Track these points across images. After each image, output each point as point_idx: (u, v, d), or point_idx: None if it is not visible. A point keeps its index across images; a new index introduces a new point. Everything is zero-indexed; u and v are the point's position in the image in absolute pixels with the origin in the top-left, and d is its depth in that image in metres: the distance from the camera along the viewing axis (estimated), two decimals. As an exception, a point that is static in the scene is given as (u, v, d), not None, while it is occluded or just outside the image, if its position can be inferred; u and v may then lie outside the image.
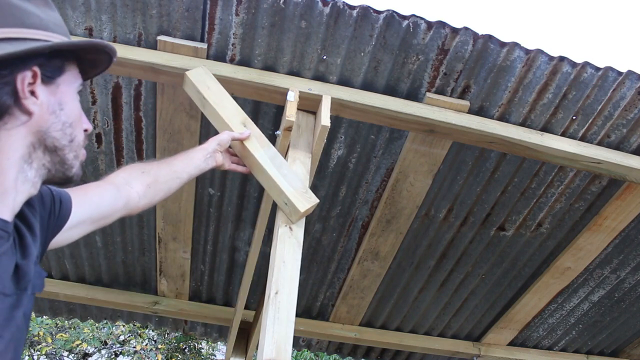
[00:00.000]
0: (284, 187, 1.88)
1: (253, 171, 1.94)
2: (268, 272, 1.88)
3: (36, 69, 0.91)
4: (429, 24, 2.04)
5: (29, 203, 1.02)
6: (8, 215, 0.93)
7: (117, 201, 1.39)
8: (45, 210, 1.12)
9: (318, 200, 1.91)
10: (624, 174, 2.41)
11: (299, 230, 1.90)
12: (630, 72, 2.17)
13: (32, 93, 0.91)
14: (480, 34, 2.06)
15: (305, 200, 1.88)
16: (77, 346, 7.31)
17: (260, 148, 1.92)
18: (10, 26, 0.88)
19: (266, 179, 1.91)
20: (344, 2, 1.98)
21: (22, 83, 0.89)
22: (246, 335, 3.49)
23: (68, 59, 0.99)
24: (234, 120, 1.96)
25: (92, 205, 1.30)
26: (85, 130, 1.03)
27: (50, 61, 0.94)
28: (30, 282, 0.97)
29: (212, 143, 1.83)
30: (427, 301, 3.46)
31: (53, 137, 0.94)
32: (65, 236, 1.21)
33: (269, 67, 2.16)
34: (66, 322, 7.22)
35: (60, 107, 0.95)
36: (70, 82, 0.99)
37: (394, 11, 2.01)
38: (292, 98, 2.06)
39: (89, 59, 1.04)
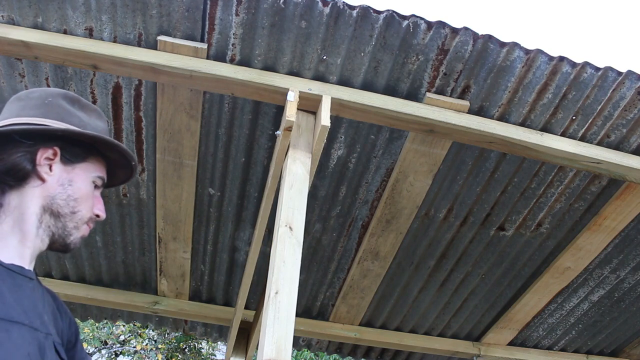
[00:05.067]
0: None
1: None
2: (268, 272, 1.89)
3: (57, 148, 1.13)
4: (429, 24, 2.04)
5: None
6: (27, 263, 1.10)
7: None
8: (70, 331, 1.24)
9: None
10: (623, 174, 2.41)
11: (299, 230, 1.90)
12: (630, 72, 2.17)
13: (50, 167, 1.13)
14: (480, 34, 2.06)
15: None
16: (77, 346, 7.30)
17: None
18: (51, 118, 1.15)
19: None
20: (344, 2, 1.98)
21: (42, 156, 1.12)
22: (246, 335, 3.49)
23: (93, 153, 1.20)
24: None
25: None
26: (97, 216, 1.20)
27: (72, 148, 1.16)
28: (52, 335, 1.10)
29: None
30: (427, 301, 3.46)
31: (58, 203, 1.13)
32: None
33: (269, 67, 2.16)
34: (66, 322, 7.20)
35: (69, 183, 1.15)
36: (87, 170, 1.19)
37: (394, 11, 2.01)
38: (292, 98, 2.06)
39: (115, 160, 1.24)
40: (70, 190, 1.15)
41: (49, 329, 1.08)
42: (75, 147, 1.16)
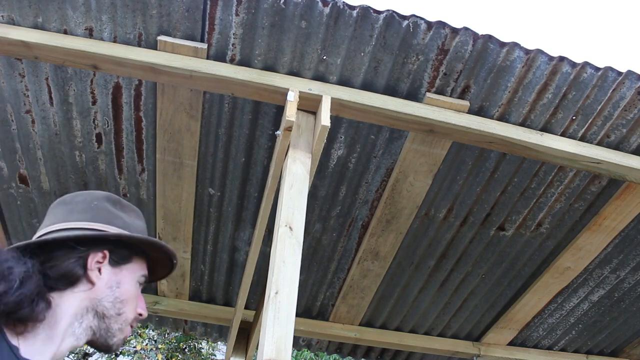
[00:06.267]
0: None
1: None
2: (268, 272, 1.89)
3: (106, 252, 1.17)
4: (429, 24, 2.04)
5: None
6: None
7: None
8: None
9: None
10: (623, 174, 2.41)
11: (299, 230, 1.90)
12: (630, 72, 2.17)
13: (99, 270, 1.16)
14: (480, 34, 2.06)
15: None
16: (77, 346, 7.30)
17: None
18: (99, 222, 1.19)
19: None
20: (344, 2, 1.98)
21: (92, 260, 1.15)
22: (246, 335, 3.49)
23: (137, 253, 1.24)
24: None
25: None
26: (140, 315, 1.23)
27: (119, 250, 1.20)
28: None
29: None
30: (427, 301, 3.46)
31: (104, 305, 1.16)
32: None
33: (269, 67, 2.16)
34: (66, 322, 7.20)
35: (117, 285, 1.18)
36: (133, 271, 1.23)
37: (393, 11, 2.01)
38: (292, 98, 2.06)
39: (154, 258, 1.29)
40: (117, 293, 1.18)
41: None
42: (122, 249, 1.21)
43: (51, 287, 1.11)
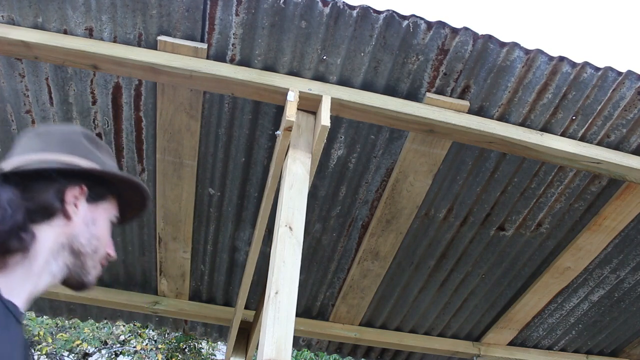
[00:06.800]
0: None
1: None
2: (268, 272, 1.89)
3: (84, 187, 1.14)
4: (429, 24, 2.04)
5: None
6: (23, 300, 1.08)
7: None
8: None
9: None
10: (623, 174, 2.41)
11: (299, 230, 1.90)
12: (630, 72, 2.17)
13: (76, 205, 1.13)
14: (480, 34, 2.06)
15: None
16: (78, 346, 7.32)
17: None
18: (78, 156, 1.16)
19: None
20: (344, 2, 1.98)
21: (70, 194, 1.12)
22: (246, 335, 3.49)
23: (111, 192, 1.22)
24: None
25: None
26: (109, 255, 1.21)
27: (96, 187, 1.17)
28: None
29: None
30: (427, 301, 3.46)
31: (80, 242, 1.13)
32: None
33: (269, 67, 2.16)
34: (66, 322, 7.22)
35: (93, 223, 1.16)
36: (107, 210, 1.21)
37: (393, 11, 2.01)
38: (292, 98, 2.06)
39: (126, 198, 1.26)
40: (93, 230, 1.16)
41: None
42: (99, 187, 1.18)
43: (30, 220, 1.06)
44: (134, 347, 7.70)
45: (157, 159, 2.59)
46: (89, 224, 1.15)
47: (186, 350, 7.98)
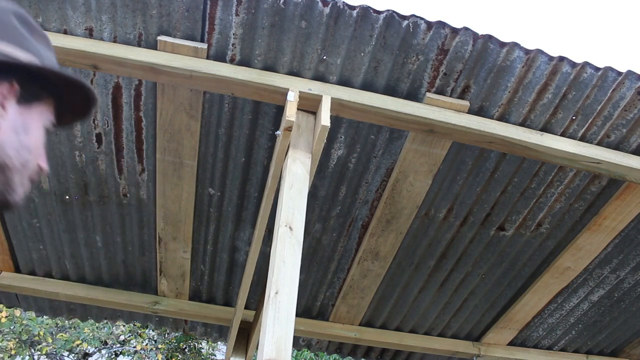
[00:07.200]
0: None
1: None
2: (268, 272, 1.89)
3: (15, 84, 0.88)
4: (429, 24, 2.04)
5: None
6: None
7: None
8: None
9: None
10: (623, 174, 2.41)
11: (299, 230, 1.90)
12: (629, 72, 2.17)
13: (3, 106, 0.87)
14: (480, 34, 2.06)
15: None
16: (78, 346, 7.32)
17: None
18: (10, 43, 0.88)
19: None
20: (344, 2, 1.98)
21: None
22: (246, 335, 3.49)
23: (48, 92, 0.97)
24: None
25: None
26: (41, 169, 0.98)
27: (31, 85, 0.92)
28: None
29: None
30: (427, 301, 3.46)
31: (6, 153, 0.88)
32: None
33: (269, 67, 2.16)
34: (66, 322, 7.22)
35: (24, 130, 0.91)
36: (42, 114, 0.96)
37: (393, 11, 2.01)
38: (292, 98, 2.06)
39: (67, 101, 1.01)
40: (25, 139, 0.91)
41: None
42: (33, 84, 0.92)
43: None
44: (134, 347, 7.70)
45: (157, 159, 2.59)
46: (19, 131, 0.90)
47: (186, 350, 7.98)
